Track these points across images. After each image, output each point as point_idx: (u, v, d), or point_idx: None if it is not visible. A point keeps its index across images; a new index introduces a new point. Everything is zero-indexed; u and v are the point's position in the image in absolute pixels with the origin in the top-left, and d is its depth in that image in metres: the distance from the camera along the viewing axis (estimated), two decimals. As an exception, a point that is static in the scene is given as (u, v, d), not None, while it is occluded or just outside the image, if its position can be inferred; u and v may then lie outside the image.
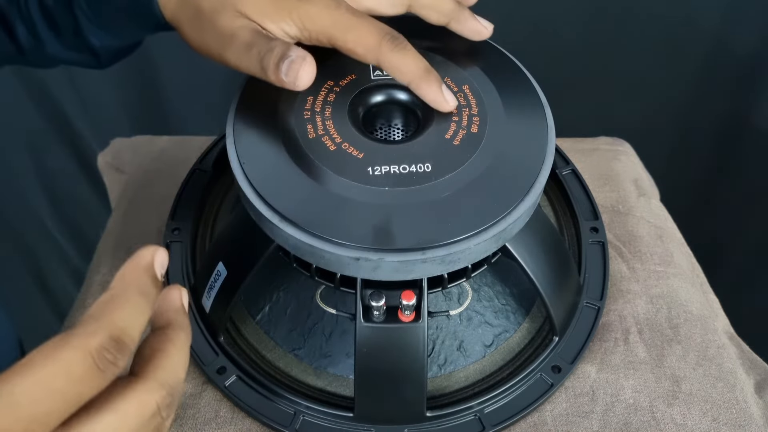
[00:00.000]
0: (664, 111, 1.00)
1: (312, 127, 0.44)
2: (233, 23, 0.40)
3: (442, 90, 0.43)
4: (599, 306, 0.52)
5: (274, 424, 0.46)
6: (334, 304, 0.47)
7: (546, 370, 0.48)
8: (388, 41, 0.41)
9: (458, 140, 0.43)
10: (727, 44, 0.91)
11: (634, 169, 0.65)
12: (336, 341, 0.48)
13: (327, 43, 0.42)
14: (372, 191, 0.41)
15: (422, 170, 0.42)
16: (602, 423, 0.47)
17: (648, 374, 0.49)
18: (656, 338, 0.51)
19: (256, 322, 0.50)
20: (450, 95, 0.43)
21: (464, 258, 0.40)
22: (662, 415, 0.47)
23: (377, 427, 0.46)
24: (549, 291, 0.47)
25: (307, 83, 0.39)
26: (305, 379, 0.48)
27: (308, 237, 0.39)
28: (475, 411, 0.47)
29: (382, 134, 0.48)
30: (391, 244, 0.39)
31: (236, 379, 0.48)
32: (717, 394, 0.48)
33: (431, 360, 0.48)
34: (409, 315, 0.42)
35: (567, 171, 0.59)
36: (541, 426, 0.47)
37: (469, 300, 0.48)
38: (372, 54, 0.41)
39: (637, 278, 0.55)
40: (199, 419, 0.47)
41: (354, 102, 0.45)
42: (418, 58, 0.42)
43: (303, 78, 0.39)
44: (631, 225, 0.59)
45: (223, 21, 0.40)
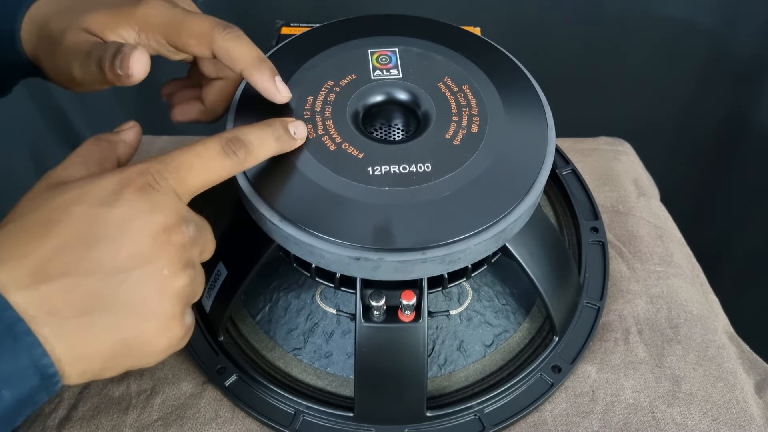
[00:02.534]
0: (664, 111, 1.00)
1: (312, 127, 0.44)
2: (77, 39, 0.41)
3: (274, 79, 0.42)
4: (599, 306, 0.52)
5: (274, 424, 0.46)
6: (334, 304, 0.47)
7: (546, 370, 0.48)
8: (220, 29, 0.41)
9: (458, 140, 0.43)
10: (727, 44, 0.91)
11: (634, 169, 0.65)
12: (336, 341, 0.48)
13: (165, 43, 0.42)
14: (372, 191, 0.41)
15: (422, 170, 0.42)
16: (602, 423, 0.47)
17: (648, 374, 0.49)
18: (656, 338, 0.51)
19: (256, 322, 0.50)
20: (283, 86, 0.42)
21: (464, 258, 0.40)
22: (662, 415, 0.47)
23: (377, 427, 0.46)
24: (549, 291, 0.47)
25: (140, 73, 0.38)
26: (305, 379, 0.48)
27: (308, 237, 0.39)
28: (475, 411, 0.47)
29: (382, 134, 0.48)
30: (391, 243, 0.39)
31: (236, 379, 0.48)
32: (717, 394, 0.48)
33: (431, 360, 0.48)
34: (409, 315, 0.42)
35: (567, 171, 0.60)
36: (541, 426, 0.47)
37: (469, 300, 0.48)
38: (205, 42, 0.41)
39: (637, 278, 0.55)
40: (199, 419, 0.47)
41: (354, 102, 0.45)
42: (251, 46, 0.42)
43: (134, 67, 0.38)
44: (631, 225, 0.59)
45: (69, 39, 0.41)
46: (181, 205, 0.34)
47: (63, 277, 0.31)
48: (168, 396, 0.48)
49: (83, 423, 0.47)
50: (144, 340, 0.33)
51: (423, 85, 0.46)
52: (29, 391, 0.30)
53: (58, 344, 0.31)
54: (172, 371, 0.49)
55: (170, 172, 0.34)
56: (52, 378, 0.31)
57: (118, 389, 0.48)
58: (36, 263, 0.30)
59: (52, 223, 0.31)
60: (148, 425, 0.46)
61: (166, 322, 0.33)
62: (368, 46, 0.48)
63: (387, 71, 0.47)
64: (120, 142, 0.38)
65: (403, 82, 0.46)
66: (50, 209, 0.32)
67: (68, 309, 0.31)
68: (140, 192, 0.32)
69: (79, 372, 0.32)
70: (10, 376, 0.30)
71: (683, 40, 0.91)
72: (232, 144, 0.36)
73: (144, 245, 0.32)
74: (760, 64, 0.91)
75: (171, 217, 0.33)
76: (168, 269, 0.33)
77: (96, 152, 0.36)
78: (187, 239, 0.34)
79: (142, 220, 0.32)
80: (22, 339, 0.30)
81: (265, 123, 0.40)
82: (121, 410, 0.47)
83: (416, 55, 0.48)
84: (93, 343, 0.32)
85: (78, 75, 0.41)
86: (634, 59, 0.94)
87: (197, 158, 0.35)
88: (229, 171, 0.37)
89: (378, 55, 0.48)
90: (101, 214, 0.32)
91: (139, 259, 0.32)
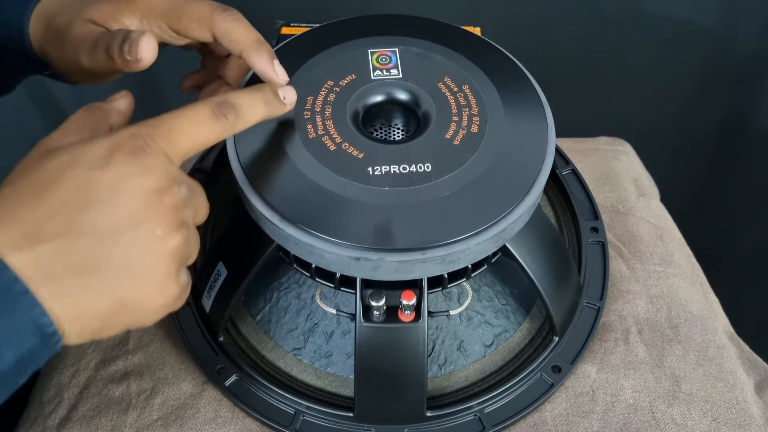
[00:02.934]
0: (664, 111, 1.00)
1: (312, 127, 0.44)
2: (83, 30, 0.42)
3: (272, 62, 0.43)
4: (599, 306, 0.52)
5: (274, 424, 0.46)
6: (334, 304, 0.47)
7: (546, 370, 0.48)
8: (220, 11, 0.42)
9: (458, 140, 0.43)
10: (727, 44, 0.91)
11: (634, 169, 0.65)
12: (336, 341, 0.48)
13: (167, 28, 0.43)
14: (372, 191, 0.41)
15: (422, 170, 0.42)
16: (602, 423, 0.47)
17: (648, 374, 0.49)
18: (656, 338, 0.51)
19: (256, 322, 0.50)
20: (281, 70, 0.43)
21: (464, 258, 0.40)
22: (662, 415, 0.47)
23: (377, 427, 0.46)
24: (549, 291, 0.47)
25: (149, 57, 0.39)
26: (305, 379, 0.48)
27: (308, 237, 0.39)
28: (475, 411, 0.47)
29: (382, 134, 0.48)
30: (391, 244, 0.39)
31: (236, 379, 0.48)
32: (717, 394, 0.48)
33: (431, 360, 0.48)
34: (409, 315, 0.42)
35: (567, 171, 0.60)
36: (541, 426, 0.47)
37: (469, 300, 0.48)
38: (205, 24, 0.42)
39: (637, 278, 0.55)
40: (199, 419, 0.47)
41: (354, 102, 0.45)
42: (250, 28, 0.43)
43: (143, 51, 0.39)
44: (631, 225, 0.59)
45: (75, 30, 0.42)
46: (172, 167, 0.34)
47: (57, 239, 0.31)
48: (168, 396, 0.48)
49: (83, 423, 0.47)
50: (140, 299, 0.33)
51: (423, 85, 0.46)
52: (30, 350, 0.31)
53: (56, 304, 0.31)
54: (172, 371, 0.49)
55: (161, 136, 0.34)
56: (52, 337, 0.31)
57: (118, 389, 0.48)
58: (30, 225, 0.31)
59: (44, 186, 0.32)
60: (148, 425, 0.46)
61: (162, 281, 0.34)
62: (368, 46, 0.48)
63: (387, 71, 0.47)
64: (113, 110, 0.38)
65: (403, 82, 0.46)
66: (43, 173, 0.32)
67: (64, 269, 0.31)
68: (131, 155, 0.33)
69: (78, 330, 0.33)
70: (11, 336, 0.30)
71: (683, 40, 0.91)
72: (222, 107, 0.37)
73: (136, 206, 0.32)
74: (760, 64, 0.91)
75: (162, 179, 0.33)
76: (161, 229, 0.33)
77: (89, 120, 0.37)
78: (179, 200, 0.34)
79: (134, 181, 0.33)
80: (20, 299, 0.30)
81: (254, 87, 0.40)
82: (121, 410, 0.47)
83: (416, 55, 0.48)
84: (90, 303, 0.32)
85: (86, 64, 0.42)
86: (634, 59, 0.94)
87: (187, 121, 0.36)
88: (219, 134, 0.37)
89: (378, 55, 0.48)
90: (93, 177, 0.32)
91: (132, 220, 0.32)
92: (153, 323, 0.35)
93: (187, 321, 0.51)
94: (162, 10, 0.43)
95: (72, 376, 0.50)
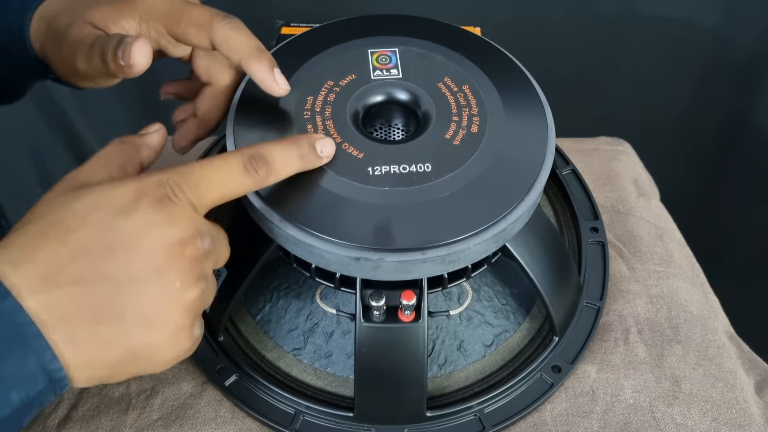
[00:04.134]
0: (664, 111, 1.00)
1: (312, 127, 0.44)
2: (81, 32, 0.41)
3: (273, 71, 0.41)
4: (599, 306, 0.52)
5: (274, 424, 0.46)
6: (334, 304, 0.47)
7: (546, 370, 0.48)
8: (220, 18, 0.41)
9: (458, 140, 0.43)
10: (727, 44, 0.91)
11: (634, 169, 0.65)
12: (336, 341, 0.48)
13: (165, 33, 0.42)
14: (372, 191, 0.41)
15: (422, 170, 0.42)
16: (602, 423, 0.47)
17: (648, 374, 0.49)
18: (656, 338, 0.51)
19: (256, 322, 0.50)
20: (282, 79, 0.42)
21: (464, 258, 0.40)
22: (662, 415, 0.47)
23: (377, 427, 0.46)
24: (549, 291, 0.47)
25: (141, 63, 0.38)
26: (305, 379, 0.48)
27: (308, 237, 0.39)
28: (475, 411, 0.47)
29: (382, 134, 0.48)
30: (391, 244, 0.39)
31: (236, 379, 0.48)
32: (717, 394, 0.48)
33: (431, 360, 0.48)
34: (409, 315, 0.42)
35: (567, 171, 0.60)
36: (541, 426, 0.47)
37: (469, 300, 0.48)
38: (204, 31, 0.41)
39: (637, 278, 0.55)
40: (199, 419, 0.47)
41: (354, 102, 0.45)
42: (250, 36, 0.41)
43: (136, 57, 0.38)
44: (631, 225, 0.59)
45: (73, 33, 0.42)
46: (197, 218, 0.34)
47: (76, 285, 0.31)
48: (168, 396, 0.48)
49: (83, 423, 0.47)
50: (152, 350, 0.33)
51: (423, 85, 0.46)
52: (37, 393, 0.31)
53: (68, 350, 0.31)
54: (172, 371, 0.49)
55: (188, 186, 0.34)
56: (60, 382, 0.31)
57: (118, 389, 0.48)
58: (50, 269, 0.31)
59: (68, 228, 0.32)
60: (148, 425, 0.46)
61: (175, 334, 0.33)
62: (368, 46, 0.48)
63: (387, 71, 0.47)
64: (144, 145, 0.38)
65: (403, 82, 0.46)
66: (67, 214, 0.32)
67: (79, 316, 0.31)
68: (158, 203, 0.33)
69: (87, 377, 0.32)
70: (19, 379, 0.30)
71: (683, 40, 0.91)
72: (255, 161, 0.36)
73: (157, 257, 0.32)
74: (760, 64, 0.91)
75: (186, 231, 0.33)
76: (180, 282, 0.33)
77: (119, 155, 0.36)
78: (200, 253, 0.34)
79: (157, 231, 0.32)
80: (32, 343, 0.30)
81: (291, 140, 0.39)
82: (121, 410, 0.47)
83: (416, 55, 0.48)
84: (102, 351, 0.32)
85: (82, 68, 0.41)
86: (634, 59, 0.94)
87: (217, 173, 0.35)
88: (248, 188, 0.37)
89: (378, 55, 0.48)
90: (117, 223, 0.32)
91: (152, 271, 0.32)
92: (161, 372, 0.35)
93: (187, 321, 0.51)
94: (161, 13, 0.42)
95: (72, 376, 0.50)
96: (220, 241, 0.36)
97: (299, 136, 0.40)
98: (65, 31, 0.42)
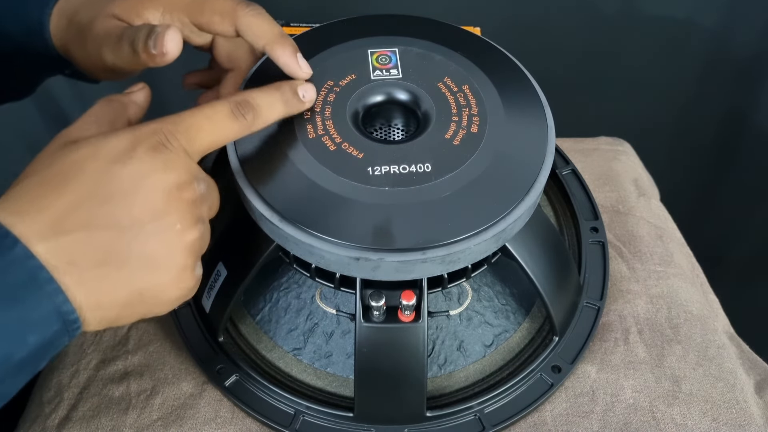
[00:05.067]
0: (664, 111, 0.99)
1: (312, 127, 0.44)
2: (106, 25, 0.42)
3: (296, 55, 0.43)
4: (599, 306, 0.52)
5: (274, 424, 0.46)
6: (334, 305, 0.47)
7: (546, 370, 0.48)
8: (243, 6, 0.42)
9: (458, 140, 0.43)
10: (727, 44, 0.90)
11: (634, 169, 0.65)
12: (336, 341, 0.48)
13: (189, 22, 0.43)
14: (372, 191, 0.41)
15: (422, 170, 0.42)
16: (602, 423, 0.47)
17: (648, 374, 0.49)
18: (656, 338, 0.51)
19: (256, 322, 0.50)
20: (305, 63, 0.43)
21: (464, 258, 0.40)
22: (662, 415, 0.47)
23: (377, 427, 0.46)
24: (549, 291, 0.47)
25: (174, 51, 0.39)
26: (305, 379, 0.48)
27: (308, 237, 0.39)
28: (475, 411, 0.47)
29: (382, 134, 0.48)
30: (391, 244, 0.39)
31: (236, 379, 0.48)
32: (717, 394, 0.48)
33: (431, 360, 0.48)
34: (409, 315, 0.42)
35: (567, 171, 0.60)
36: (541, 426, 0.47)
37: (469, 300, 0.48)
38: (228, 19, 0.42)
39: (637, 278, 0.55)
40: (199, 419, 0.47)
41: (354, 102, 0.45)
42: (273, 23, 0.43)
43: (168, 45, 0.39)
44: (631, 225, 0.59)
45: (98, 26, 0.43)
46: (192, 163, 0.35)
47: (81, 230, 0.32)
48: (168, 396, 0.48)
49: (83, 423, 0.47)
50: (157, 291, 0.35)
51: (423, 85, 0.46)
52: (52, 335, 0.32)
53: (78, 292, 0.32)
54: (172, 371, 0.49)
55: (181, 133, 0.35)
56: (73, 323, 0.32)
57: (118, 389, 0.48)
58: (54, 216, 0.32)
59: (67, 178, 0.33)
60: (148, 425, 0.46)
61: (179, 274, 0.35)
62: (368, 46, 0.48)
63: (387, 71, 0.47)
64: (131, 103, 0.39)
65: (403, 82, 0.46)
66: (65, 165, 0.33)
67: (86, 260, 0.32)
68: (153, 150, 0.34)
69: (98, 318, 0.33)
70: (35, 322, 0.31)
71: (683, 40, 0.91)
72: (241, 107, 0.38)
73: (157, 201, 0.33)
74: (760, 64, 0.91)
75: (183, 175, 0.34)
76: (180, 224, 0.34)
77: (108, 112, 0.38)
78: (197, 196, 0.35)
79: (155, 177, 0.33)
80: (45, 286, 0.31)
81: (274, 86, 0.41)
82: (121, 410, 0.47)
83: (416, 55, 0.48)
84: (110, 293, 0.33)
85: (109, 60, 0.42)
86: (634, 59, 0.94)
87: (207, 120, 0.36)
88: (237, 133, 0.38)
89: (378, 55, 0.48)
90: (115, 171, 0.33)
91: (153, 215, 0.33)
92: (166, 313, 0.36)
93: (187, 321, 0.51)
94: (185, 3, 0.43)
95: (72, 376, 0.50)
96: (213, 188, 0.38)
97: (281, 82, 0.41)
98: (89, 25, 0.43)
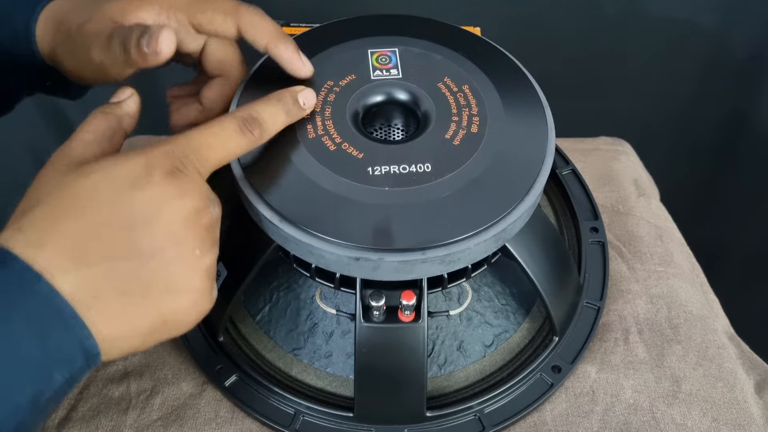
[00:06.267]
0: (664, 111, 0.99)
1: (312, 127, 0.44)
2: (98, 25, 0.42)
3: (298, 53, 0.44)
4: (599, 306, 0.52)
5: (274, 424, 0.46)
6: (334, 304, 0.47)
7: (546, 370, 0.48)
8: (245, 6, 0.43)
9: (458, 140, 0.43)
10: (727, 44, 0.90)
11: (634, 169, 0.65)
12: (336, 341, 0.48)
13: (186, 22, 0.43)
14: (372, 191, 0.41)
15: (422, 170, 0.42)
16: (602, 423, 0.47)
17: (648, 374, 0.49)
18: (656, 338, 0.51)
19: (256, 322, 0.50)
20: (306, 60, 0.44)
21: (464, 258, 0.40)
22: (662, 415, 0.47)
23: (377, 427, 0.46)
24: (549, 291, 0.47)
25: (167, 50, 0.39)
26: (305, 379, 0.48)
27: (308, 237, 0.39)
28: (475, 411, 0.47)
29: (382, 134, 0.48)
30: (391, 244, 0.39)
31: (236, 380, 0.48)
32: (717, 394, 0.48)
33: (431, 360, 0.48)
34: (409, 315, 0.42)
35: (567, 171, 0.60)
36: (541, 426, 0.47)
37: (469, 300, 0.48)
38: (231, 19, 0.43)
39: (637, 278, 0.55)
40: (199, 419, 0.47)
41: (354, 102, 0.45)
42: (274, 22, 0.44)
43: (162, 44, 0.38)
44: (631, 225, 0.59)
45: (89, 27, 0.42)
46: (206, 187, 0.36)
47: (103, 261, 0.32)
48: (168, 396, 0.48)
49: (83, 423, 0.47)
50: (179, 315, 0.35)
51: (423, 85, 0.46)
52: (77, 371, 0.32)
53: (103, 325, 0.32)
54: (172, 371, 0.49)
55: (193, 154, 0.35)
56: (95, 357, 0.32)
57: (118, 389, 0.48)
58: (74, 246, 0.31)
59: (83, 207, 0.32)
60: (148, 425, 0.46)
61: (199, 297, 0.35)
62: (368, 46, 0.48)
63: (387, 71, 0.47)
64: (125, 115, 0.39)
65: (403, 82, 0.46)
66: (78, 192, 0.33)
67: (110, 291, 0.32)
68: (169, 176, 0.34)
69: (120, 348, 0.33)
70: (61, 360, 0.31)
71: (683, 40, 0.91)
72: (249, 123, 0.38)
73: (176, 228, 0.33)
74: (760, 64, 0.91)
75: (200, 201, 0.35)
76: (199, 249, 0.34)
77: (105, 128, 0.37)
78: (214, 220, 0.36)
79: (173, 204, 0.33)
80: (69, 322, 0.31)
81: (275, 97, 0.41)
82: (121, 410, 0.47)
83: (416, 55, 0.48)
84: (134, 322, 0.33)
85: (98, 60, 0.42)
86: (634, 59, 0.94)
87: (215, 138, 0.36)
88: (245, 149, 0.38)
89: (378, 55, 0.48)
90: (132, 197, 0.33)
91: (173, 241, 0.33)
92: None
93: (187, 321, 0.51)
94: (186, 2, 0.43)
95: (72, 376, 0.50)
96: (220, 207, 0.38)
97: (282, 91, 0.42)
98: (79, 28, 0.42)
